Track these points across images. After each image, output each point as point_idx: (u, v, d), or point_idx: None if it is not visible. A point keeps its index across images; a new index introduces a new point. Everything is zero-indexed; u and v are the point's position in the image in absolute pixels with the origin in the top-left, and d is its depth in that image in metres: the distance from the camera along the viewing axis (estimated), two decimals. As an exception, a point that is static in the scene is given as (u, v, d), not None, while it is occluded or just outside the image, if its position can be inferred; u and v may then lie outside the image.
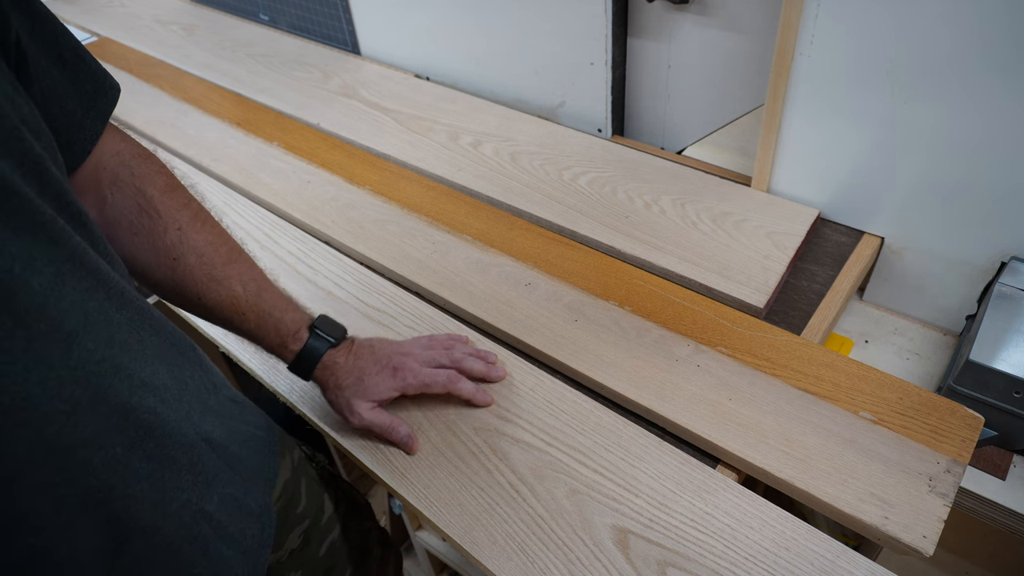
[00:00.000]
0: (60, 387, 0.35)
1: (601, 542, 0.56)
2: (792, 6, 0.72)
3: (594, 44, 0.98)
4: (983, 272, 0.75)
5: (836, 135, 0.78)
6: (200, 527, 0.46)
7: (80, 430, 0.36)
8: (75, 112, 0.48)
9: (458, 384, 0.65)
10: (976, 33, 0.64)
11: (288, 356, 0.61)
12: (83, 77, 0.48)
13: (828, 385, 0.66)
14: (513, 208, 0.92)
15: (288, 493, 0.61)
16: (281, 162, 1.05)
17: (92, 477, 0.37)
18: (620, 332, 0.73)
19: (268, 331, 0.59)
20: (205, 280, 0.56)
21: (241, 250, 0.59)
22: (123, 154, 0.54)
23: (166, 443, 0.43)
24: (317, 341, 0.61)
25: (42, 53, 0.44)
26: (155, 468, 0.42)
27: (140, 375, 0.41)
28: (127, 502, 0.40)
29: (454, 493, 0.61)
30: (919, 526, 0.54)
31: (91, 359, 0.37)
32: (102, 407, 0.38)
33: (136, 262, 0.54)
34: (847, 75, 0.73)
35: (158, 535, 0.42)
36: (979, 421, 0.61)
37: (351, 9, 1.28)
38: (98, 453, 0.38)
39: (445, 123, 1.09)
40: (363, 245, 0.88)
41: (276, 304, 0.60)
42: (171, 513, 0.43)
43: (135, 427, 0.40)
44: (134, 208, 0.53)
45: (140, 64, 1.39)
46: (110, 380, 0.39)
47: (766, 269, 0.78)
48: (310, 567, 0.65)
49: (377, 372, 0.63)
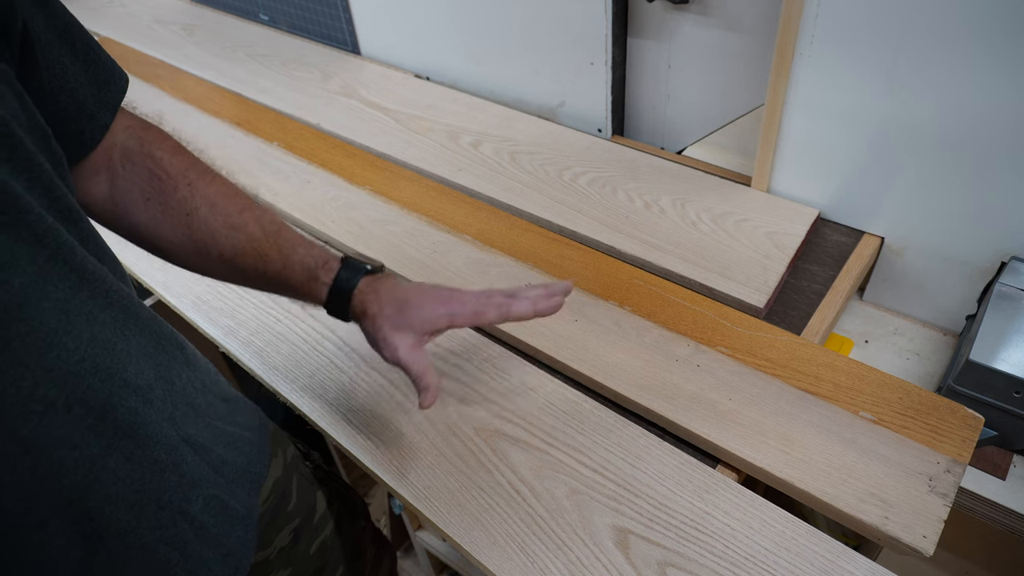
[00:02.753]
0: (35, 387, 0.35)
1: (601, 542, 0.56)
2: (792, 6, 0.72)
3: (594, 44, 0.98)
4: (983, 272, 0.75)
5: (836, 135, 0.78)
6: (180, 528, 0.45)
7: (54, 430, 0.36)
8: (87, 102, 0.48)
9: (511, 308, 0.57)
10: (976, 33, 0.64)
11: (320, 291, 0.57)
12: (95, 67, 0.49)
13: (828, 385, 0.66)
14: (513, 208, 0.92)
15: (279, 491, 0.60)
16: (281, 162, 1.05)
17: (65, 477, 0.37)
18: (620, 332, 0.73)
19: (295, 268, 0.56)
20: (222, 230, 0.54)
21: (254, 200, 0.57)
22: (132, 127, 0.54)
23: (147, 444, 0.42)
24: (351, 268, 0.57)
25: (56, 42, 0.44)
26: (133, 469, 0.41)
27: (123, 375, 0.41)
28: (102, 503, 0.40)
29: (454, 493, 0.61)
30: (919, 526, 0.54)
31: (70, 359, 0.37)
32: (78, 407, 0.38)
33: (152, 230, 0.54)
34: (847, 75, 0.73)
35: (133, 536, 0.42)
36: (979, 421, 0.61)
37: (351, 9, 1.28)
38: (72, 453, 0.37)
39: (445, 123, 1.09)
40: (363, 245, 0.88)
41: (298, 241, 0.57)
42: (148, 514, 0.43)
43: (113, 427, 0.40)
44: (144, 174, 0.53)
45: (140, 64, 1.39)
46: (89, 380, 0.38)
47: (766, 269, 0.78)
48: (300, 565, 0.65)
49: (421, 301, 0.57)
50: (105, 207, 0.54)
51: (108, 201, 0.54)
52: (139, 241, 0.56)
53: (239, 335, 0.78)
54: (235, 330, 0.79)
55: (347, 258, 0.58)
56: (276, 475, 0.60)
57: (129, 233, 0.56)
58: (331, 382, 0.72)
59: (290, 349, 0.76)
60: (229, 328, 0.79)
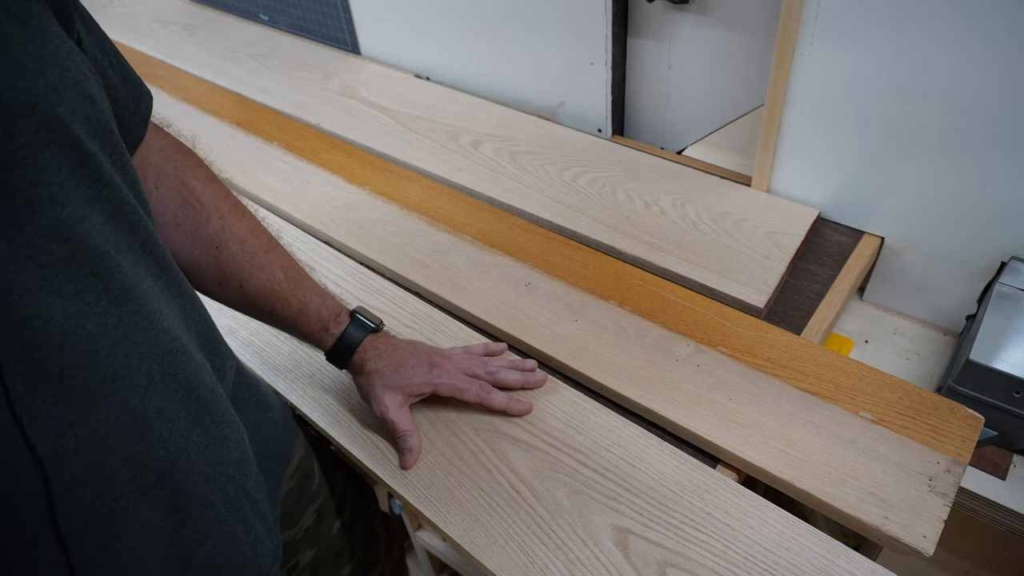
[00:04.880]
0: (141, 362, 0.38)
1: (601, 542, 0.56)
2: (792, 6, 0.72)
3: (594, 44, 0.98)
4: (983, 272, 0.75)
5: (836, 135, 0.78)
6: (241, 503, 0.48)
7: (154, 402, 0.39)
8: (124, 115, 0.49)
9: (490, 396, 0.65)
10: (976, 33, 0.64)
11: (328, 341, 0.62)
12: (129, 82, 0.49)
13: (828, 385, 0.66)
14: (513, 208, 0.92)
15: (304, 469, 0.63)
16: (281, 162, 1.05)
17: (161, 448, 0.39)
18: (620, 332, 0.73)
19: (310, 315, 0.60)
20: (248, 267, 0.57)
21: (277, 240, 0.61)
22: (167, 149, 0.55)
23: (220, 420, 0.45)
24: (358, 326, 0.62)
25: (99, 55, 0.45)
26: (210, 443, 0.44)
27: (199, 356, 0.44)
28: (187, 475, 0.42)
29: (454, 493, 0.61)
30: (919, 526, 0.54)
31: (165, 338, 0.40)
32: (171, 383, 0.40)
33: (179, 254, 0.55)
34: (847, 75, 0.73)
35: (210, 508, 0.44)
36: (979, 421, 0.61)
37: (351, 9, 1.28)
38: (167, 425, 0.40)
39: (445, 123, 1.09)
40: (363, 245, 0.88)
41: (315, 291, 0.61)
42: (220, 488, 0.45)
43: (196, 403, 0.43)
44: (178, 200, 0.54)
45: (140, 64, 1.39)
46: (179, 359, 0.41)
47: (766, 269, 0.78)
48: (323, 546, 0.67)
49: (415, 364, 0.63)
50: None
51: None
52: None
53: (239, 335, 0.78)
54: (235, 330, 0.79)
55: (355, 314, 0.63)
56: (300, 454, 0.63)
57: None
58: (331, 382, 0.72)
59: (290, 349, 0.76)
60: (229, 328, 0.79)
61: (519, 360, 0.70)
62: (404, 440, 0.63)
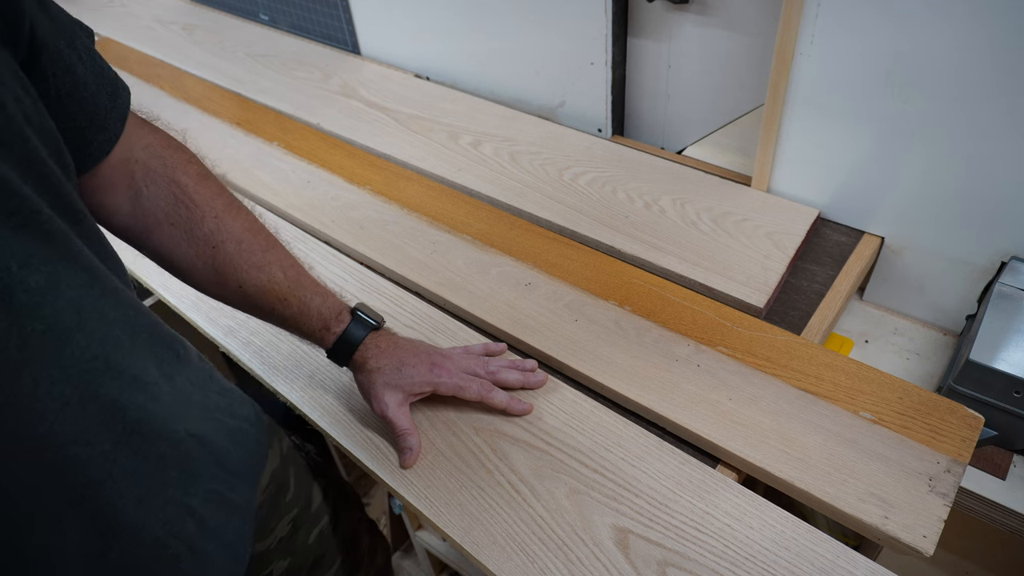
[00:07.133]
0: (51, 385, 0.36)
1: (601, 542, 0.56)
2: (792, 6, 0.72)
3: (594, 44, 0.98)
4: (983, 272, 0.75)
5: (836, 135, 0.78)
6: (184, 523, 0.46)
7: (68, 427, 0.37)
8: (96, 112, 0.47)
9: (491, 394, 0.65)
10: (977, 32, 0.64)
11: (329, 339, 0.61)
12: (102, 78, 0.48)
13: (828, 385, 0.66)
14: (513, 208, 0.92)
15: (277, 481, 0.61)
16: (281, 162, 1.05)
17: (79, 473, 0.38)
18: (620, 332, 0.73)
19: (310, 315, 0.60)
20: (246, 267, 0.56)
21: (276, 238, 0.60)
22: (154, 145, 0.54)
23: (154, 440, 0.43)
24: (359, 323, 0.62)
25: (66, 50, 0.44)
26: (141, 464, 0.42)
27: (131, 372, 0.42)
28: (113, 499, 0.40)
29: (454, 493, 0.61)
30: (919, 526, 0.54)
31: (83, 356, 0.38)
32: (91, 404, 0.38)
33: (174, 254, 0.54)
34: (847, 75, 0.73)
35: (144, 531, 0.43)
36: (979, 421, 0.61)
37: (351, 9, 1.28)
38: (85, 450, 0.38)
39: (445, 123, 1.09)
40: (363, 245, 0.88)
41: (316, 289, 0.61)
42: (156, 509, 0.43)
43: (123, 424, 0.41)
44: (170, 199, 0.53)
45: (140, 64, 1.39)
46: (101, 377, 0.39)
47: (766, 269, 0.78)
48: (299, 555, 0.65)
49: (416, 363, 0.63)
50: (126, 223, 0.54)
51: (129, 218, 0.53)
52: (159, 260, 0.56)
53: (239, 335, 0.78)
54: (235, 330, 0.79)
55: (356, 312, 0.63)
56: (274, 465, 0.61)
57: (150, 252, 0.56)
58: (331, 382, 0.72)
59: (290, 349, 0.76)
60: (229, 328, 0.79)
61: (519, 360, 0.70)
62: (404, 439, 0.63)
